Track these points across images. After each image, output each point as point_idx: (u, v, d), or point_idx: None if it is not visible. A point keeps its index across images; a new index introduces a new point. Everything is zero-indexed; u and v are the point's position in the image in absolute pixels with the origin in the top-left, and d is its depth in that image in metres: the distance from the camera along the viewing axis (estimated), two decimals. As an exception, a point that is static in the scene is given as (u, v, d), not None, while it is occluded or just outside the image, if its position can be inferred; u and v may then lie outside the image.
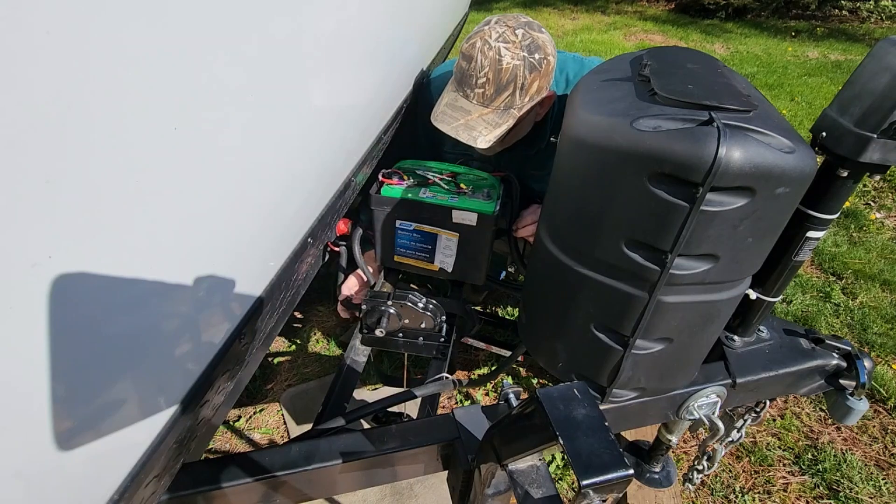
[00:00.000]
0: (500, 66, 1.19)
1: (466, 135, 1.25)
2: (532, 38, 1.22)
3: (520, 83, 1.22)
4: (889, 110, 0.76)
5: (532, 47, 1.21)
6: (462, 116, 1.26)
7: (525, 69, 1.21)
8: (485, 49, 1.20)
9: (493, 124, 1.25)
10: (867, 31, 6.98)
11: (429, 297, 1.32)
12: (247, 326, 0.81)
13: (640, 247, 0.75)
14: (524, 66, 1.20)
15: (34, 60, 0.39)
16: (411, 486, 1.81)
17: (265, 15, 0.70)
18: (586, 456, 0.58)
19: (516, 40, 1.20)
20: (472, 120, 1.25)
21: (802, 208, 0.92)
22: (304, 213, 0.99)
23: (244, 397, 2.15)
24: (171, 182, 0.58)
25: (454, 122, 1.26)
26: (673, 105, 0.70)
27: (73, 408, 0.51)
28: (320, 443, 0.94)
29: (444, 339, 1.36)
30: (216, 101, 0.63)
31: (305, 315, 2.52)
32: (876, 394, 2.13)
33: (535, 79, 1.23)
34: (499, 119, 1.25)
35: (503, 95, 1.23)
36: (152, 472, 0.67)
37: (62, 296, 0.46)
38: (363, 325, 1.33)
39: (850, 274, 2.79)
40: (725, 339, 1.12)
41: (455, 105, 1.27)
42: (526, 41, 1.21)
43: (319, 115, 0.93)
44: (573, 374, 0.98)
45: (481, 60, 1.20)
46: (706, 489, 1.83)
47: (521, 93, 1.23)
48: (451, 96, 1.29)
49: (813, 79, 5.41)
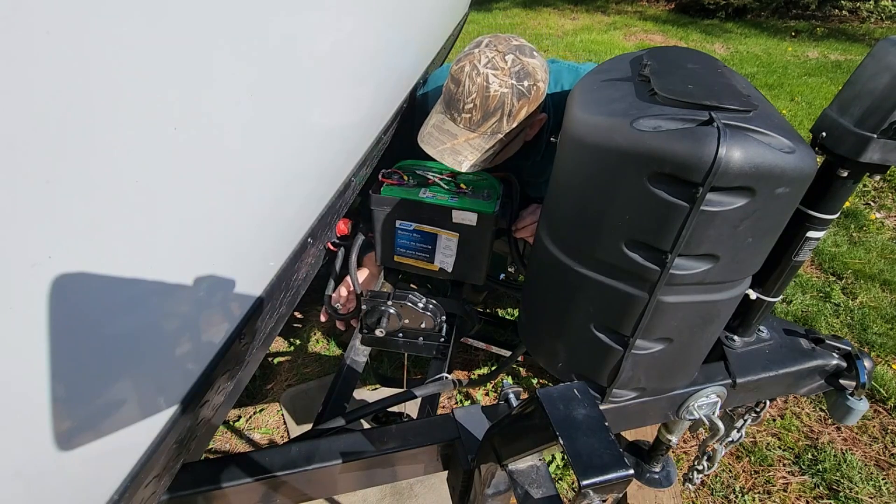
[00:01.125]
0: (487, 94, 1.18)
1: (451, 159, 1.25)
2: (522, 65, 1.20)
3: (507, 110, 1.20)
4: (889, 110, 0.76)
5: (521, 74, 1.19)
6: (448, 140, 1.25)
7: (513, 97, 1.19)
8: (473, 75, 1.18)
9: (479, 149, 1.25)
10: (867, 31, 6.99)
11: (429, 297, 1.32)
12: (247, 326, 0.81)
13: (640, 247, 0.75)
14: (512, 93, 1.19)
15: (34, 60, 0.39)
16: (411, 486, 1.81)
17: (265, 15, 0.70)
18: (586, 456, 0.58)
19: (505, 67, 1.18)
20: (457, 144, 1.25)
21: (802, 208, 0.92)
22: (304, 213, 0.99)
23: (244, 397, 2.15)
24: (171, 182, 0.58)
25: (440, 146, 1.26)
26: (673, 105, 0.70)
27: (73, 408, 0.51)
28: (320, 443, 0.94)
29: (444, 339, 1.36)
30: (216, 102, 0.63)
31: (305, 315, 2.52)
32: (876, 394, 2.14)
33: (523, 105, 1.21)
34: (485, 144, 1.24)
35: (490, 122, 1.22)
36: (152, 472, 0.68)
37: (62, 296, 0.46)
38: (363, 324, 1.33)
39: (850, 274, 2.79)
40: (725, 339, 1.12)
41: (442, 128, 1.27)
42: (515, 68, 1.19)
43: (319, 115, 0.93)
44: (573, 374, 0.98)
45: (469, 86, 1.19)
46: (706, 489, 1.83)
47: (509, 119, 1.22)
48: (439, 118, 1.28)
49: (813, 79, 5.41)
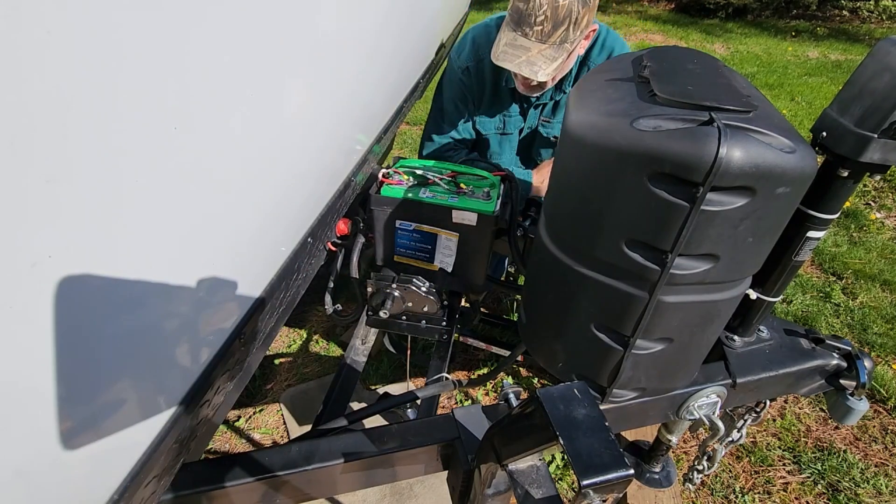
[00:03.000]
0: (557, 4, 1.32)
1: (528, 69, 1.38)
2: None
3: (574, 17, 1.34)
4: (889, 110, 0.76)
5: None
6: (523, 53, 1.39)
7: (579, 4, 1.33)
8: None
9: (551, 58, 1.38)
10: (867, 31, 6.98)
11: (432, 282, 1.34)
12: (247, 326, 0.81)
13: (641, 246, 0.75)
14: (578, 1, 1.32)
15: (34, 60, 0.39)
16: (411, 486, 1.81)
17: (266, 14, 0.70)
18: (586, 456, 0.58)
19: None
20: (532, 56, 1.38)
21: (803, 208, 0.92)
22: (304, 213, 0.98)
23: (244, 397, 2.15)
24: (172, 182, 0.58)
25: (516, 59, 1.39)
26: (673, 105, 0.70)
27: (73, 407, 0.51)
28: (320, 443, 0.94)
29: (447, 324, 1.36)
30: (216, 102, 0.63)
31: (305, 315, 2.52)
32: (876, 394, 2.13)
33: (585, 13, 1.35)
34: (555, 53, 1.38)
35: (559, 31, 1.35)
36: (152, 472, 0.67)
37: (62, 295, 0.46)
38: (368, 306, 1.36)
39: (850, 274, 2.79)
40: (725, 339, 1.12)
41: (514, 44, 1.39)
42: None
43: (320, 114, 0.93)
44: (573, 374, 0.98)
45: (539, 0, 1.32)
46: (706, 489, 1.83)
47: (575, 27, 1.36)
48: (510, 36, 1.40)
49: (813, 79, 5.41)
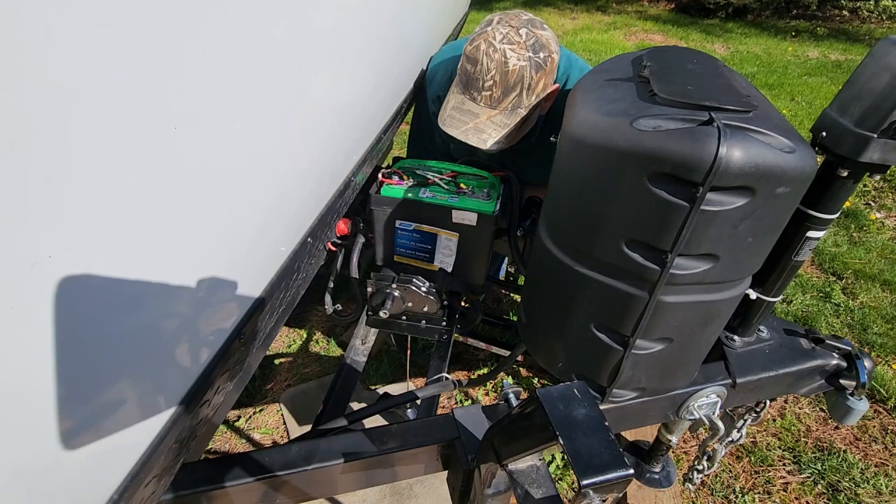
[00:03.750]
0: (506, 69, 1.19)
1: (476, 138, 1.25)
2: (536, 37, 1.21)
3: (527, 83, 1.22)
4: (889, 110, 0.76)
5: (537, 46, 1.21)
6: (470, 120, 1.26)
7: (531, 69, 1.20)
8: (490, 51, 1.19)
9: (502, 125, 1.25)
10: (867, 31, 6.98)
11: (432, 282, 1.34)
12: (247, 326, 0.81)
13: (641, 246, 0.75)
14: (530, 66, 1.20)
15: (34, 60, 0.39)
16: (411, 486, 1.81)
17: (266, 14, 0.70)
18: (586, 456, 0.58)
19: (521, 40, 1.20)
20: (480, 123, 1.26)
21: (802, 208, 0.92)
22: (304, 213, 0.99)
23: (244, 397, 2.15)
24: (172, 182, 0.58)
25: (463, 126, 1.26)
26: (673, 105, 0.70)
27: (73, 407, 0.51)
28: (320, 443, 0.94)
29: (447, 324, 1.36)
30: (216, 102, 0.63)
31: (305, 315, 2.51)
32: (876, 394, 2.13)
33: (540, 78, 1.23)
34: (506, 119, 1.25)
35: (510, 96, 1.23)
36: (152, 472, 0.67)
37: (62, 295, 0.46)
38: (368, 306, 1.36)
39: (850, 274, 2.79)
40: (725, 339, 1.12)
41: (462, 108, 1.27)
42: (530, 41, 1.20)
43: (320, 114, 0.93)
44: (573, 374, 0.98)
45: (487, 63, 1.20)
46: (706, 489, 1.83)
47: (528, 92, 1.23)
48: (458, 99, 1.28)
49: (813, 79, 5.41)
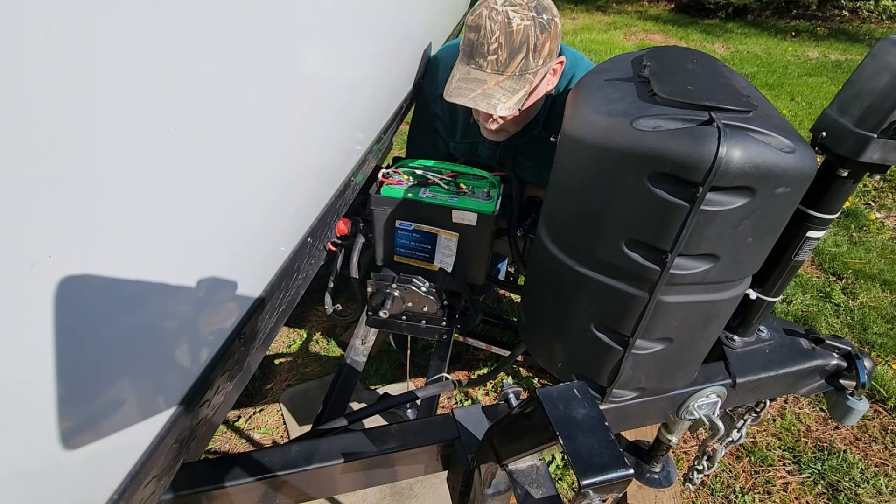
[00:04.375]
0: (510, 29, 1.17)
1: (485, 104, 1.20)
2: (538, 0, 1.21)
3: (532, 44, 1.19)
4: (889, 110, 0.76)
5: (539, 8, 1.20)
6: (478, 87, 1.21)
7: (536, 29, 1.18)
8: (492, 15, 1.18)
9: (511, 90, 1.21)
10: (867, 31, 6.98)
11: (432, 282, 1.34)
12: (247, 326, 0.81)
13: (641, 246, 0.75)
14: (534, 26, 1.18)
15: (34, 60, 0.39)
16: (411, 486, 1.81)
17: (265, 13, 0.70)
18: (586, 456, 0.58)
19: (523, 2, 1.19)
20: (488, 88, 1.21)
21: (802, 208, 0.92)
22: (304, 213, 0.99)
23: (244, 397, 2.15)
24: (171, 182, 0.58)
25: (470, 94, 1.22)
26: (673, 105, 0.70)
27: (72, 407, 0.51)
28: (320, 443, 0.94)
29: (447, 324, 1.36)
30: (216, 101, 0.63)
31: (305, 315, 2.51)
32: (876, 394, 2.13)
33: (546, 40, 1.20)
34: (515, 85, 1.21)
35: (517, 59, 1.20)
36: (152, 472, 0.67)
37: (62, 295, 0.46)
38: (368, 306, 1.36)
39: (850, 274, 2.79)
40: (725, 339, 1.12)
41: (468, 77, 1.23)
42: (532, 2, 1.20)
43: (320, 114, 0.93)
44: (573, 374, 0.98)
45: (490, 27, 1.18)
46: (706, 489, 1.83)
47: (535, 55, 1.20)
48: (463, 70, 1.25)
49: (813, 78, 5.41)
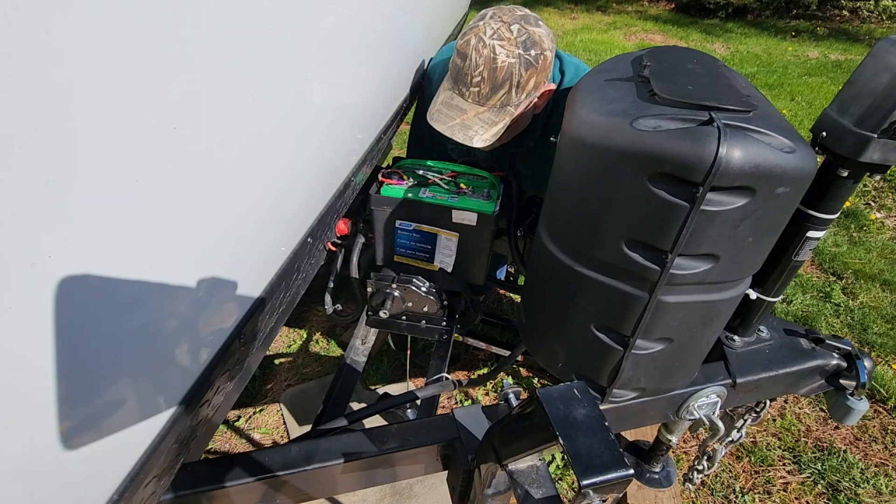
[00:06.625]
0: (494, 65, 1.17)
1: (462, 134, 1.23)
2: (528, 34, 1.19)
3: (515, 81, 1.19)
4: (889, 110, 0.76)
5: (528, 43, 1.18)
6: (458, 115, 1.23)
7: (521, 67, 1.18)
8: (479, 47, 1.17)
9: (490, 122, 1.22)
10: (867, 31, 6.98)
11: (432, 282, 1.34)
12: (247, 326, 0.81)
13: (641, 246, 0.75)
14: (519, 63, 1.17)
15: (34, 60, 0.39)
16: (411, 486, 1.81)
17: (265, 13, 0.70)
18: (586, 456, 0.58)
19: (511, 37, 1.18)
20: (467, 119, 1.23)
21: (802, 208, 0.92)
22: (304, 213, 0.99)
23: (244, 397, 2.15)
24: (171, 182, 0.58)
25: (450, 122, 1.24)
26: (673, 105, 0.70)
27: (72, 408, 0.51)
28: (320, 443, 0.94)
29: (447, 324, 1.36)
30: (216, 101, 0.63)
31: (305, 315, 2.51)
32: (876, 394, 2.13)
33: (531, 76, 1.20)
34: (495, 117, 1.23)
35: (499, 94, 1.20)
36: (152, 472, 0.68)
37: (62, 295, 0.46)
38: (368, 306, 1.36)
39: (850, 274, 2.79)
40: (725, 339, 1.12)
41: (450, 104, 1.25)
42: (521, 37, 1.18)
43: (320, 114, 0.93)
44: (573, 374, 0.98)
45: (476, 59, 1.18)
46: (706, 489, 1.83)
47: (518, 90, 1.21)
48: (447, 94, 1.26)
49: (813, 78, 5.41)
